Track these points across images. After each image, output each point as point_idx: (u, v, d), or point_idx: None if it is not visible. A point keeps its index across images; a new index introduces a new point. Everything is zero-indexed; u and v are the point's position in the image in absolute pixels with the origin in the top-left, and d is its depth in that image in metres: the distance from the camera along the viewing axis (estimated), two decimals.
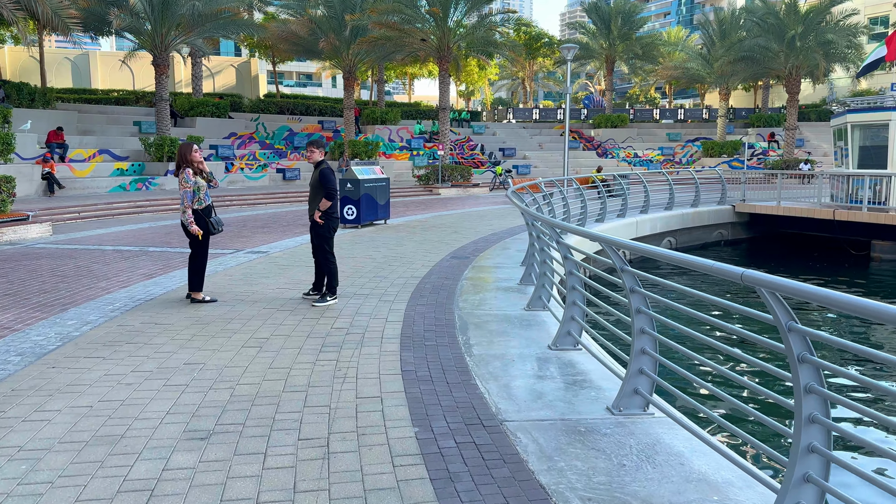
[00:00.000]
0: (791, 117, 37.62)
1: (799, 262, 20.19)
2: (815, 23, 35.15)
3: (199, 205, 7.84)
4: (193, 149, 7.83)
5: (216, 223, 7.98)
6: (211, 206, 8.02)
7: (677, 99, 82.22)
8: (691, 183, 24.14)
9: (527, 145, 43.19)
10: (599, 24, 46.85)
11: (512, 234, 14.82)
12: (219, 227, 8.02)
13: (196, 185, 7.81)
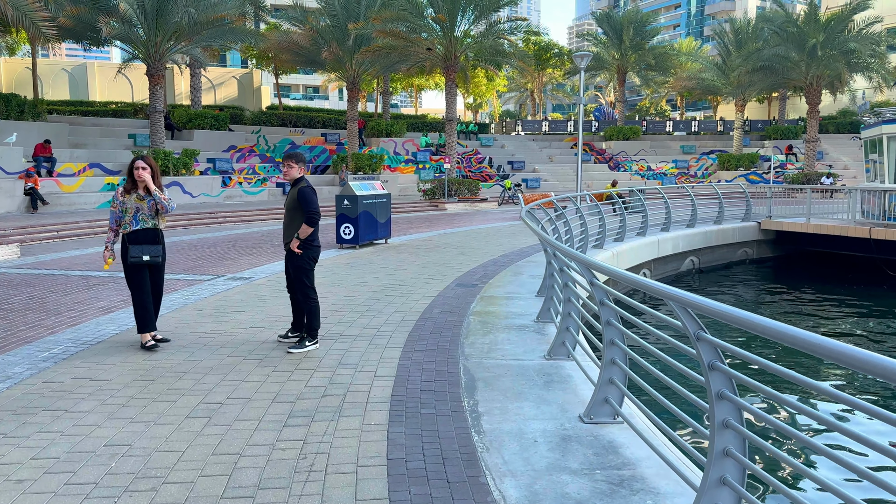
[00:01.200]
0: (812, 129, 36.20)
1: (831, 282, 18.74)
2: (836, 31, 33.81)
3: (126, 228, 6.57)
4: (136, 164, 6.56)
5: (142, 253, 6.54)
6: (150, 231, 6.63)
7: (689, 111, 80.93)
8: (713, 198, 22.75)
9: (536, 158, 41.91)
10: (611, 34, 45.65)
11: (524, 256, 13.47)
12: (143, 257, 6.53)
13: (123, 207, 6.57)
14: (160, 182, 6.77)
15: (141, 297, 6.59)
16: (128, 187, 6.65)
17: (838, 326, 14.00)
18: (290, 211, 6.80)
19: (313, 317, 6.69)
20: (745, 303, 16.43)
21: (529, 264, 12.35)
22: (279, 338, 7.00)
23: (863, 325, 14.01)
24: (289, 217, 6.81)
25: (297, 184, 6.81)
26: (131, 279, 6.60)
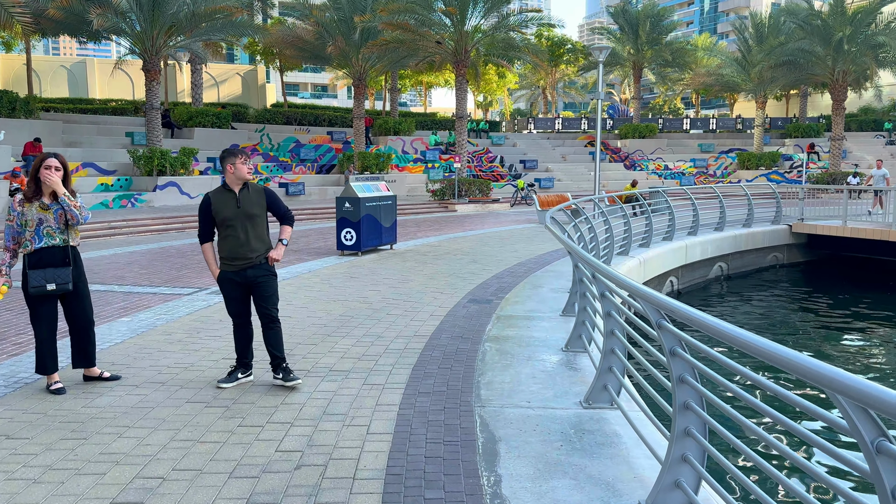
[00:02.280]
0: (837, 126, 34.68)
1: (871, 290, 17.34)
2: (863, 24, 32.28)
3: (27, 247, 5.23)
4: (46, 162, 5.27)
5: (45, 280, 5.18)
6: (58, 250, 5.28)
7: (704, 109, 79.27)
8: (740, 198, 21.39)
9: (549, 157, 40.57)
10: (627, 29, 44.19)
11: (542, 265, 12.19)
12: (48, 286, 5.18)
13: (22, 219, 5.23)
14: (72, 187, 5.48)
15: (41, 333, 5.29)
16: (28, 194, 5.29)
17: (880, 338, 12.64)
18: (248, 217, 5.52)
19: (279, 343, 5.53)
20: (777, 314, 15.07)
21: (548, 275, 11.07)
22: (274, 379, 5.66)
23: None
24: (251, 224, 5.53)
25: (245, 187, 5.56)
26: (34, 313, 5.30)
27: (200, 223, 5.52)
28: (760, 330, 13.34)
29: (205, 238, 5.54)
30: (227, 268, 5.50)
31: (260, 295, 5.58)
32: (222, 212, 5.44)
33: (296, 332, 7.27)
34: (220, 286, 5.57)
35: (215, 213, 5.45)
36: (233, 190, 5.51)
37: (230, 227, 5.44)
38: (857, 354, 11.90)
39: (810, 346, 12.30)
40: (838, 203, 22.69)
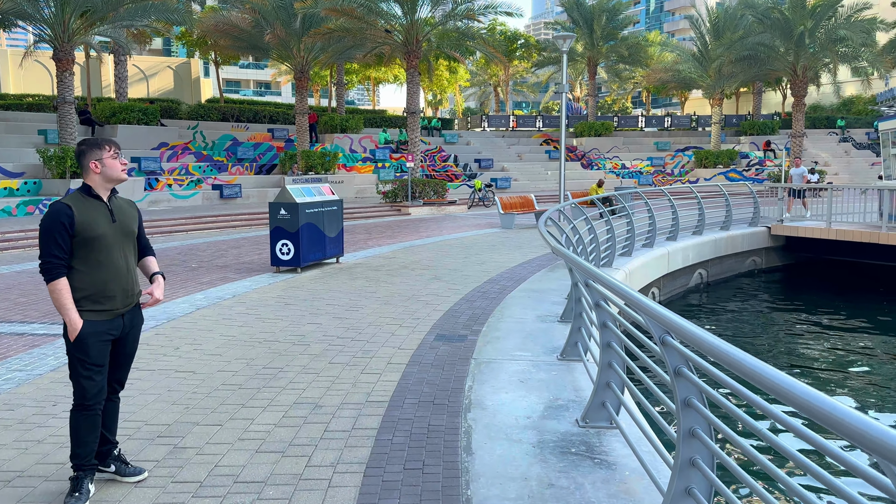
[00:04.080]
0: (798, 123, 33.92)
1: (859, 296, 16.03)
2: (824, 18, 31.52)
3: None
4: None
5: None
6: None
7: (654, 108, 79.15)
8: (715, 198, 19.97)
9: (504, 156, 38.87)
10: (581, 23, 42.79)
11: (516, 281, 10.26)
12: None
13: None
14: None
15: None
16: None
17: (867, 349, 11.16)
18: (131, 237, 3.52)
19: (116, 420, 3.57)
20: (759, 323, 13.53)
21: (529, 297, 9.13)
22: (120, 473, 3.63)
23: None
24: (129, 248, 3.52)
25: (114, 194, 3.52)
26: None
27: (51, 245, 3.38)
28: (747, 345, 11.73)
29: (59, 269, 3.40)
30: (95, 315, 3.48)
31: (124, 353, 3.69)
32: (94, 227, 3.42)
33: (195, 401, 5.12)
34: (80, 347, 3.44)
35: (82, 229, 3.40)
36: (100, 197, 3.47)
37: (104, 250, 3.45)
38: (849, 369, 10.37)
39: (802, 363, 10.74)
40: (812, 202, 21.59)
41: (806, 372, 10.56)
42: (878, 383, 9.91)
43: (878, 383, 9.91)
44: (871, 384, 9.98)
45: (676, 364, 3.03)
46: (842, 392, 9.61)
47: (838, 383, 9.93)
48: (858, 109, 49.04)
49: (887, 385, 9.85)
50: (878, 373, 10.48)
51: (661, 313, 3.06)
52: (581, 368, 5.91)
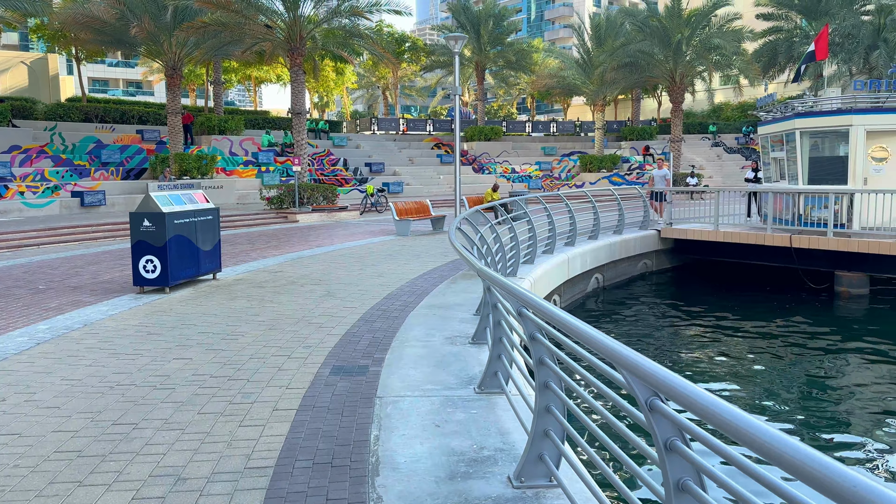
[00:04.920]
0: (676, 128, 35.27)
1: (748, 297, 16.41)
2: (699, 26, 32.93)
3: None
4: None
5: None
6: None
7: (539, 114, 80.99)
8: (607, 201, 20.03)
9: (396, 160, 37.97)
10: (468, 28, 42.62)
11: (418, 295, 9.38)
12: None
13: None
14: None
15: None
16: None
17: (758, 350, 11.25)
18: None
19: None
20: (657, 329, 13.46)
21: (433, 314, 8.27)
22: None
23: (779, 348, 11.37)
24: None
25: None
26: None
27: None
28: (644, 349, 11.48)
29: None
30: None
31: None
32: None
33: (13, 481, 3.85)
34: None
35: None
36: None
37: None
38: (743, 367, 10.35)
39: (691, 362, 10.61)
40: (686, 205, 22.08)
41: (703, 371, 10.42)
42: (767, 379, 9.83)
43: (768, 378, 9.83)
44: (759, 380, 9.94)
45: (669, 437, 2.31)
46: (736, 389, 9.46)
47: (733, 379, 9.77)
48: (727, 115, 52.04)
49: (772, 379, 9.81)
50: (766, 368, 10.48)
51: (648, 369, 2.25)
52: (503, 403, 5.10)
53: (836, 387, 9.73)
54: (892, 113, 15.83)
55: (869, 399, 9.14)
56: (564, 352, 3.63)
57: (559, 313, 3.22)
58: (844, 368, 10.65)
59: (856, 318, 14.72)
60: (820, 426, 8.26)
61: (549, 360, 3.75)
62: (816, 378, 10.13)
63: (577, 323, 3.03)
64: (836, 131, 16.45)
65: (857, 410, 8.72)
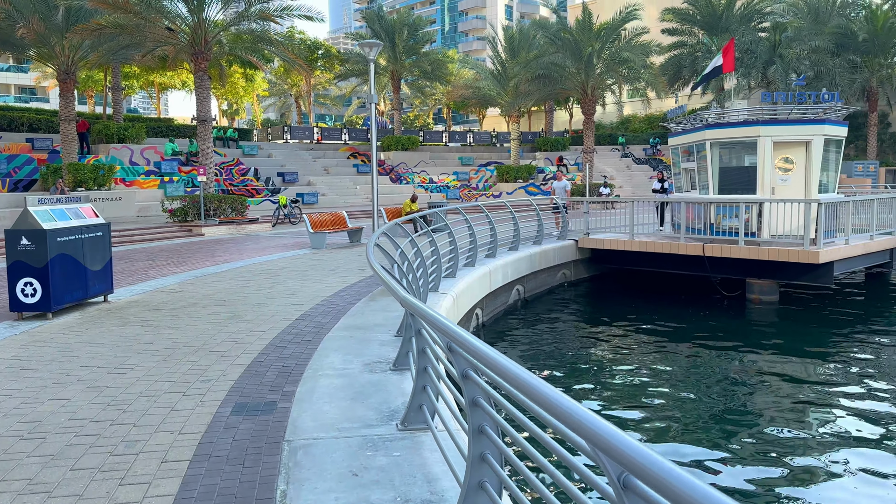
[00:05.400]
0: (588, 140, 35.91)
1: (664, 305, 16.60)
2: (609, 40, 33.68)
3: None
4: None
5: None
6: None
7: (455, 125, 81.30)
8: (527, 211, 19.91)
9: (310, 169, 36.92)
10: (383, 36, 42.11)
11: (335, 314, 8.74)
12: None
13: None
14: None
15: None
16: None
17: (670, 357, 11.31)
18: None
19: None
20: (572, 337, 13.34)
21: (350, 336, 7.66)
22: None
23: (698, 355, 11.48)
24: None
25: None
26: None
27: None
28: (566, 360, 11.28)
29: None
30: None
31: None
32: None
33: None
34: None
35: None
36: None
37: None
38: (658, 374, 10.33)
39: (610, 372, 10.49)
40: (600, 215, 22.28)
41: (622, 378, 10.33)
42: (682, 384, 9.77)
43: (682, 383, 9.77)
44: (674, 386, 9.94)
45: None
46: (654, 395, 9.51)
47: (651, 384, 9.66)
48: (635, 127, 53.71)
49: (686, 384, 9.80)
50: (681, 375, 10.57)
51: (617, 442, 1.76)
52: (430, 442, 4.57)
53: (749, 391, 9.89)
54: (798, 124, 16.40)
55: (778, 400, 9.35)
56: (502, 393, 3.15)
57: (497, 358, 2.72)
58: (757, 373, 10.84)
59: (766, 323, 15.08)
60: (733, 427, 8.41)
61: (484, 403, 3.26)
62: (730, 385, 10.25)
63: (519, 372, 2.53)
64: (745, 142, 16.90)
65: (768, 411, 8.91)
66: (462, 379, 3.35)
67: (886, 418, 8.55)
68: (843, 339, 13.05)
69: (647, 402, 9.36)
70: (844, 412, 8.82)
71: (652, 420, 8.74)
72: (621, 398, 9.60)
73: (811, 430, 8.28)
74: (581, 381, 10.47)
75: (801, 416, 8.77)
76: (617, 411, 8.93)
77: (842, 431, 8.17)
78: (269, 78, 52.36)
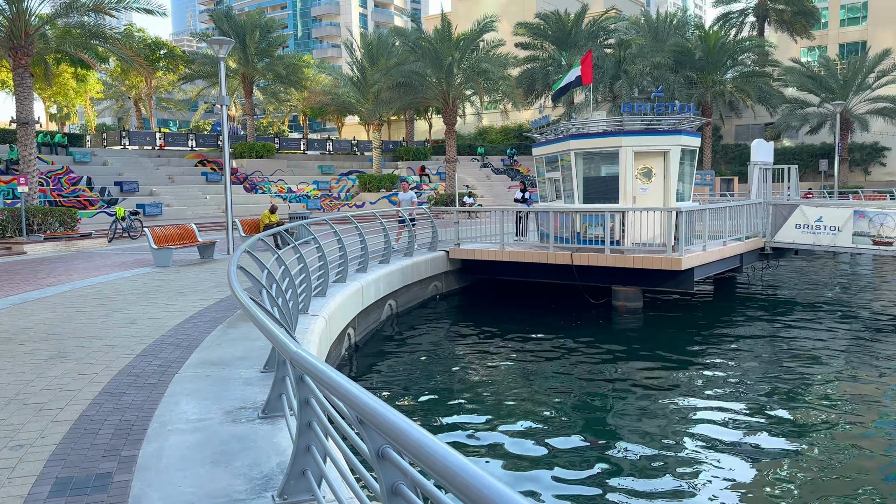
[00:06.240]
0: (451, 149, 35.86)
1: (535, 314, 16.48)
2: (468, 50, 33.84)
3: None
4: None
5: None
6: None
7: (311, 133, 79.17)
8: (395, 222, 19.14)
9: (153, 178, 33.92)
10: (233, 37, 39.72)
11: (184, 346, 7.46)
12: None
13: None
14: None
15: None
16: None
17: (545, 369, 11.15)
18: None
19: None
20: (445, 351, 12.82)
21: (205, 374, 6.46)
22: None
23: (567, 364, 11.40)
24: None
25: None
26: None
27: None
28: (437, 375, 10.68)
29: None
30: None
31: None
32: None
33: None
34: None
35: None
36: None
37: None
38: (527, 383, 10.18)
39: (480, 383, 10.15)
40: (466, 224, 22.01)
41: (491, 389, 10.12)
42: (551, 391, 9.48)
43: (551, 390, 9.48)
44: (544, 393, 10.01)
45: None
46: (523, 404, 9.54)
47: (519, 394, 9.38)
48: (492, 138, 54.77)
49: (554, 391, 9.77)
50: (550, 381, 10.64)
51: None
52: None
53: (614, 396, 10.01)
54: (656, 135, 16.89)
55: (641, 405, 9.52)
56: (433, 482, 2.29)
57: (426, 441, 1.88)
58: (623, 377, 11.00)
59: (631, 329, 15.35)
60: (599, 431, 8.55)
61: (408, 491, 2.39)
62: (597, 392, 10.28)
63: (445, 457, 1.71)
64: (608, 152, 17.19)
65: (630, 415, 9.13)
66: (377, 459, 2.46)
67: (739, 419, 8.83)
68: (702, 341, 13.69)
69: (524, 415, 9.18)
70: (704, 413, 9.13)
71: (529, 435, 8.35)
72: (498, 415, 9.31)
73: (672, 431, 8.46)
74: (459, 396, 9.99)
75: (665, 421, 8.94)
76: (490, 432, 8.42)
77: (698, 433, 8.40)
78: (105, 79, 47.96)
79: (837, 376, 10.76)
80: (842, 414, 8.97)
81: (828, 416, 8.89)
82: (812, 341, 13.16)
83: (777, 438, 8.13)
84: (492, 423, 8.81)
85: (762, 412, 9.06)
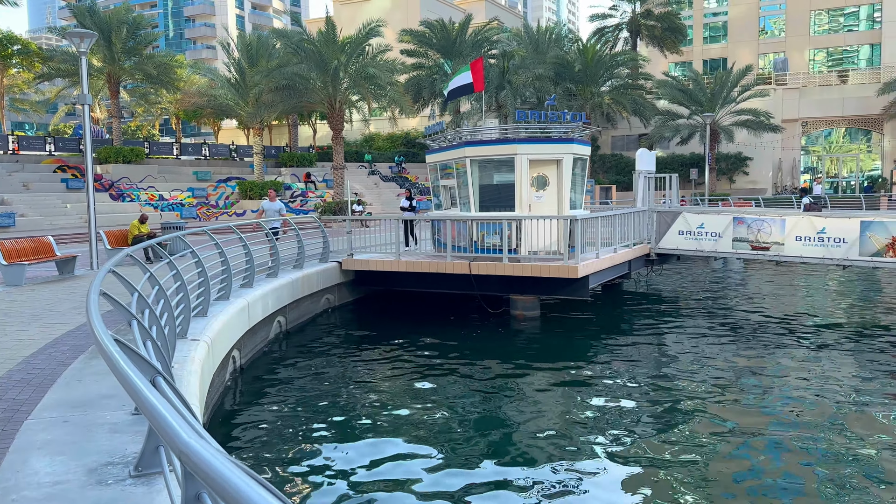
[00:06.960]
0: (338, 156, 34.80)
1: (433, 326, 15.98)
2: (354, 54, 33.00)
3: None
4: None
5: None
6: None
7: (185, 137, 75.14)
8: (287, 231, 17.98)
9: (5, 185, 30.52)
10: (97, 33, 36.68)
11: (38, 384, 6.26)
12: None
13: None
14: None
15: None
16: None
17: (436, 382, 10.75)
18: None
19: None
20: (337, 370, 12.11)
21: (63, 420, 5.34)
22: None
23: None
24: None
25: None
26: None
27: None
28: (329, 393, 9.96)
29: None
30: None
31: None
32: None
33: None
34: None
35: None
36: None
37: None
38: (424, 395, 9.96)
39: (376, 403, 9.69)
40: (357, 233, 21.15)
41: (388, 408, 9.75)
42: (448, 404, 9.04)
43: (449, 403, 9.04)
44: (441, 407, 9.72)
45: None
46: (420, 420, 9.33)
47: (416, 410, 9.00)
48: (379, 145, 54.04)
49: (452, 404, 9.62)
50: (447, 394, 10.45)
51: None
52: None
53: (513, 405, 10.00)
54: (550, 143, 16.86)
55: (542, 412, 9.71)
56: None
57: None
58: (523, 386, 10.95)
59: (530, 337, 15.21)
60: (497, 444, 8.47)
61: None
62: (498, 404, 10.09)
63: None
64: (503, 160, 16.97)
65: (529, 423, 9.19)
66: None
67: (633, 423, 9.11)
68: (597, 345, 14.03)
69: (421, 431, 8.93)
70: (601, 413, 9.56)
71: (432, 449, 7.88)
72: (398, 432, 8.93)
73: (572, 434, 8.71)
74: (353, 420, 9.44)
75: (563, 423, 9.16)
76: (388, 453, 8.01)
77: (594, 435, 8.66)
78: None
79: (718, 375, 11.45)
80: (723, 407, 9.72)
81: (713, 413, 9.48)
82: (694, 339, 14.02)
83: (667, 433, 8.66)
84: (390, 444, 8.46)
85: (651, 408, 9.65)
